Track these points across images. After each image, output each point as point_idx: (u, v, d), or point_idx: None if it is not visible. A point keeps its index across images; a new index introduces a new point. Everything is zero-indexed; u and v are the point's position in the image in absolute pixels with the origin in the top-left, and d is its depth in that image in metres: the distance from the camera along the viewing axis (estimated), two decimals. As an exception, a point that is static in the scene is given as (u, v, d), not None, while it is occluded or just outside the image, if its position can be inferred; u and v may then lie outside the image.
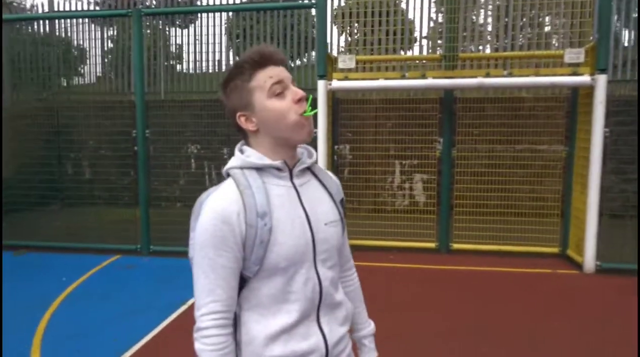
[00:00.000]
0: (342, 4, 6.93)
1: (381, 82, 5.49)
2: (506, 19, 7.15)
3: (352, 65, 5.49)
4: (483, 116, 6.27)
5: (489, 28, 7.59)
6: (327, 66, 5.46)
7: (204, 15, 8.59)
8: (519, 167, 6.23)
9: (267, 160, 1.17)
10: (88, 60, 9.15)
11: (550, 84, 5.22)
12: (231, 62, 9.06)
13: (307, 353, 1.18)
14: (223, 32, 8.90)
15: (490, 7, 7.62)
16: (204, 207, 1.14)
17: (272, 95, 1.15)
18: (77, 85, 9.29)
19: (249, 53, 1.17)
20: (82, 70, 9.32)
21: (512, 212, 6.08)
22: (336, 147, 6.24)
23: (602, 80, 5.00)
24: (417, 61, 6.82)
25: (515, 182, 6.20)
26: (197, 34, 8.84)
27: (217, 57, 8.86)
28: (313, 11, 9.25)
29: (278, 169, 1.18)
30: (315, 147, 5.65)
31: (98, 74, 9.14)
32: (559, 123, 6.01)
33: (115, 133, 7.05)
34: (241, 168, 1.17)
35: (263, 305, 1.16)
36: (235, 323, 1.18)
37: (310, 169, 1.28)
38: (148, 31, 8.98)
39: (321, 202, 1.24)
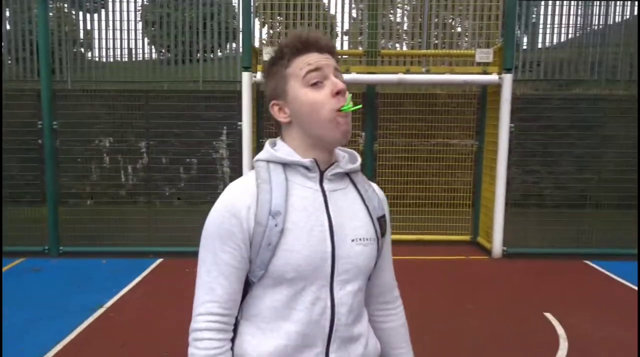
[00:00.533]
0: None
1: (305, 76, 5.51)
2: (421, 19, 7.48)
3: (276, 58, 5.44)
4: (402, 111, 6.53)
5: (405, 27, 7.91)
6: (251, 58, 5.38)
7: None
8: (434, 161, 6.58)
9: (295, 157, 1.03)
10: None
11: (463, 81, 5.56)
12: (147, 51, 8.62)
13: None
14: (138, 18, 8.42)
15: (406, 7, 7.93)
16: (220, 197, 1.03)
17: (307, 84, 1.01)
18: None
19: (290, 37, 1.04)
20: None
21: (428, 203, 6.42)
22: (261, 141, 6.18)
23: (508, 79, 5.41)
24: (340, 56, 6.93)
25: (431, 174, 6.54)
26: (108, 19, 8.29)
27: (131, 45, 8.37)
28: (234, 1, 9.07)
29: (307, 168, 1.03)
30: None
31: (-7, 59, 8.25)
32: (470, 119, 6.42)
33: (17, 124, 6.42)
34: (267, 161, 1.05)
35: (263, 317, 1.03)
36: (235, 330, 1.06)
37: (350, 177, 1.11)
38: (51, 14, 8.26)
39: (354, 215, 1.06)
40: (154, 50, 8.92)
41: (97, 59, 8.39)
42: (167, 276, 4.97)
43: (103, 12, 8.49)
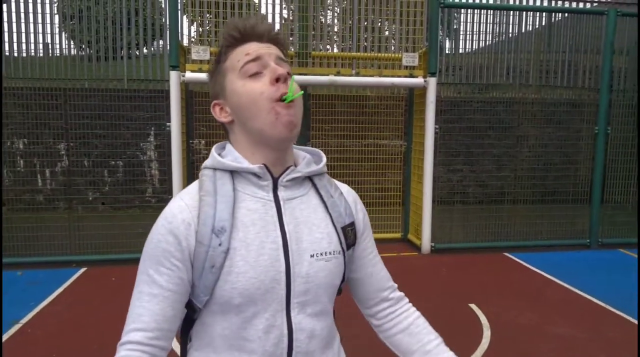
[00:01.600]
0: (193, -8, 6.67)
1: (237, 76, 5.44)
2: (350, 22, 7.64)
3: (207, 56, 5.33)
4: (334, 113, 6.63)
5: (336, 29, 8.04)
6: (179, 56, 5.22)
7: (29, -10, 7.48)
8: (366, 161, 6.75)
9: (243, 163, 0.91)
10: None
11: (391, 84, 5.75)
12: (65, 46, 8.08)
13: None
14: (55, 11, 7.88)
15: (337, 9, 8.07)
16: (164, 209, 0.91)
17: (245, 75, 0.90)
18: None
19: (226, 28, 0.94)
20: None
21: (361, 202, 6.56)
22: (191, 142, 6.02)
23: (432, 82, 5.67)
24: (271, 57, 6.91)
25: (363, 174, 6.70)
26: (20, 10, 7.67)
27: (47, 40, 7.81)
28: (160, -3, 8.74)
29: (256, 175, 0.91)
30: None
31: None
32: (398, 120, 6.66)
33: None
34: (214, 169, 0.92)
35: (215, 347, 0.91)
36: None
37: (312, 181, 0.99)
38: (-47, 3, 7.51)
39: (313, 226, 0.94)
40: (72, 46, 8.38)
41: (7, 53, 7.74)
42: (92, 286, 4.70)
43: (13, 2, 7.85)
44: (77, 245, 5.52)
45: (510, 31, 7.62)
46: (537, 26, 7.39)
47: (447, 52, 8.46)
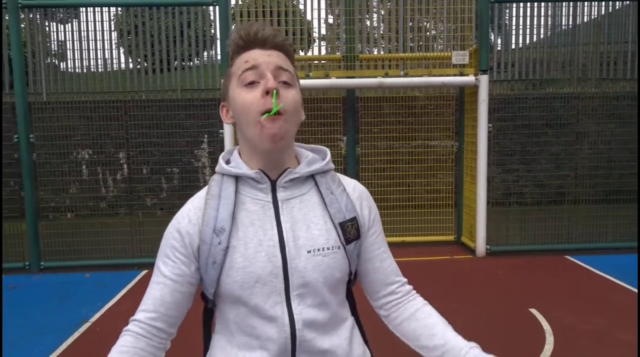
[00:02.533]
0: (240, 2, 6.85)
1: (286, 82, 5.53)
2: (397, 23, 7.57)
3: (256, 65, 5.45)
4: (382, 115, 6.60)
5: (382, 31, 8.00)
6: (230, 66, 5.37)
7: (89, 9, 7.95)
8: (416, 163, 6.66)
9: (243, 168, 0.99)
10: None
11: (440, 83, 5.65)
12: (122, 61, 8.51)
13: None
14: (112, 28, 8.32)
15: (382, 12, 8.03)
16: None
17: (242, 84, 0.95)
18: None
19: (233, 34, 0.99)
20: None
21: (411, 205, 6.48)
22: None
23: (484, 80, 5.53)
24: (318, 61, 6.96)
25: (413, 176, 6.62)
26: (82, 29, 8.16)
27: (106, 55, 8.25)
28: (210, 9, 9.03)
29: (254, 180, 0.99)
30: (222, 149, 5.54)
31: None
32: (449, 120, 6.52)
33: (-10, 139, 6.26)
34: (222, 174, 1.02)
35: (230, 332, 1.01)
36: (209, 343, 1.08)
37: (315, 179, 1.03)
38: (22, 25, 8.10)
39: (311, 223, 0.99)
40: (130, 60, 8.82)
41: (71, 70, 8.25)
42: (153, 288, 4.89)
43: (75, 22, 8.35)
44: (139, 249, 5.78)
45: (565, 23, 7.30)
46: (595, 16, 7.04)
47: (498, 48, 8.22)
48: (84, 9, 8.04)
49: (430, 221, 6.33)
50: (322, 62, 6.70)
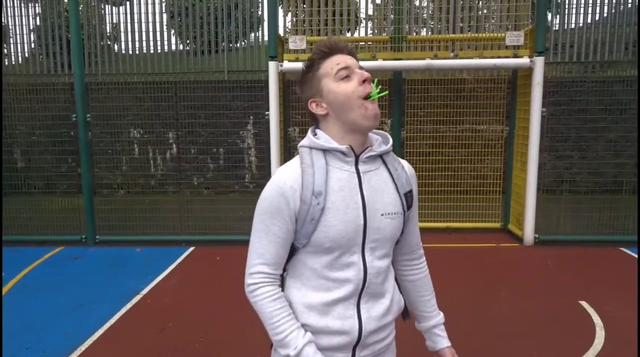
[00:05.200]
0: (288, -17, 6.81)
1: (332, 64, 5.49)
2: (447, 4, 7.33)
3: (303, 46, 5.44)
4: (428, 98, 6.44)
5: (430, 11, 7.76)
6: (277, 47, 5.38)
7: (141, -8, 8.13)
8: (462, 147, 6.48)
9: (333, 144, 1.21)
10: (13, 39, 8.43)
11: (493, 65, 5.44)
12: (173, 42, 8.69)
13: (339, 333, 1.23)
14: (163, 10, 8.49)
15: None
16: (272, 177, 1.22)
17: (339, 79, 1.20)
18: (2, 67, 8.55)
19: (317, 46, 1.24)
20: (6, 51, 8.58)
21: (456, 190, 6.34)
22: (288, 130, 6.20)
23: (540, 62, 5.27)
24: (364, 42, 6.86)
25: (459, 161, 6.45)
26: (134, 12, 8.37)
27: (157, 37, 8.46)
28: (257, -10, 9.04)
29: (343, 153, 1.21)
30: (269, 131, 5.59)
31: (26, 55, 8.46)
32: (499, 104, 6.29)
33: (50, 117, 6.59)
34: (310, 148, 1.22)
35: (306, 277, 1.24)
36: (282, 284, 1.28)
37: (382, 158, 1.28)
38: (81, 7, 8.39)
39: (384, 192, 1.24)
40: (179, 42, 9.00)
41: (124, 51, 8.52)
42: (199, 264, 5.07)
43: (128, 4, 8.58)
44: (186, 226, 5.97)
45: (629, 1, 6.82)
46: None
47: (555, 28, 7.81)
48: (135, -9, 8.23)
49: (477, 208, 6.18)
50: (369, 43, 6.58)
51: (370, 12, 7.53)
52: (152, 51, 8.51)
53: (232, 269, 4.81)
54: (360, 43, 6.94)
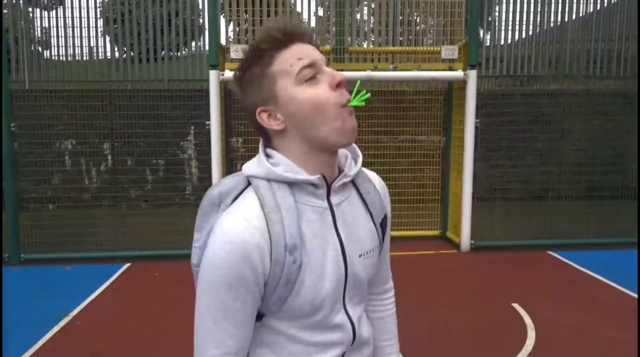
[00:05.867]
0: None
1: (273, 74, 5.48)
2: (387, 17, 7.54)
3: (244, 56, 5.39)
4: (369, 109, 6.57)
5: (371, 24, 7.96)
6: (218, 56, 5.31)
7: (74, -4, 7.78)
8: (402, 157, 6.65)
9: (301, 174, 0.89)
10: None
11: (430, 78, 5.65)
12: (108, 50, 8.36)
13: None
14: (98, 15, 8.16)
15: (372, 5, 7.98)
16: (217, 229, 0.86)
17: (302, 81, 0.87)
18: None
19: (266, 30, 0.88)
20: None
21: (397, 200, 6.49)
22: (230, 140, 6.11)
23: (473, 75, 5.53)
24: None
25: (400, 171, 6.62)
26: (67, 16, 7.99)
27: (92, 44, 8.10)
28: (198, -2, 8.90)
29: (314, 185, 0.90)
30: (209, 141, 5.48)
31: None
32: (437, 115, 6.53)
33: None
34: (267, 180, 0.89)
35: (278, 344, 0.94)
36: None
37: (353, 180, 0.99)
38: (5, 11, 7.91)
39: (359, 225, 0.97)
40: (116, 49, 8.67)
41: (55, 58, 8.09)
42: (136, 281, 4.86)
43: (60, 9, 8.18)
44: (122, 241, 5.71)
45: (554, 20, 7.33)
46: (583, 13, 7.07)
47: (487, 44, 8.24)
48: (68, -5, 7.87)
49: (416, 216, 6.35)
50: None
51: (313, 24, 7.62)
52: (86, 58, 8.14)
53: (172, 286, 4.64)
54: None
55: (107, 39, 8.65)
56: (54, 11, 8.30)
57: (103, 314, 4.01)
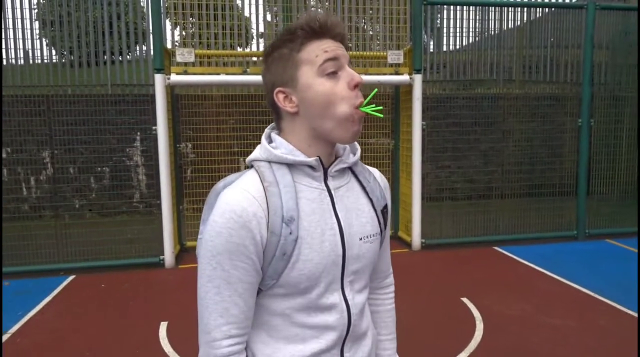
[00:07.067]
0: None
1: (223, 77, 5.43)
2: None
3: (192, 59, 5.30)
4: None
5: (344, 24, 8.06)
6: (164, 60, 5.18)
7: (7, -4, 7.36)
8: (354, 159, 6.73)
9: (299, 156, 0.94)
10: None
11: (377, 82, 5.77)
12: (45, 53, 7.96)
13: None
14: (34, 17, 7.77)
15: (320, 10, 8.08)
16: (219, 201, 0.90)
17: (323, 73, 0.92)
18: None
19: (305, 19, 0.93)
20: None
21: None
22: (178, 146, 5.97)
23: (418, 79, 5.71)
24: (257, 57, 6.89)
25: (352, 173, 6.69)
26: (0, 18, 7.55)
27: (27, 46, 7.69)
28: (142, 1, 8.67)
29: (311, 167, 0.95)
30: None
31: None
32: (385, 118, 6.68)
33: None
34: (268, 161, 0.95)
35: (273, 326, 0.97)
36: None
37: (351, 169, 1.04)
38: None
39: (360, 211, 1.01)
40: (54, 53, 8.28)
41: (-14, 61, 7.61)
42: (82, 294, 4.63)
43: (-9, 10, 7.71)
44: (65, 253, 5.43)
45: (492, 28, 7.69)
46: (518, 22, 7.48)
47: (431, 50, 8.53)
48: (0, -5, 7.44)
49: (369, 217, 6.44)
50: (260, 58, 6.62)
51: (261, 29, 7.60)
52: (21, 62, 7.72)
53: (120, 296, 4.47)
54: (253, 58, 6.96)
55: (44, 42, 8.24)
56: (-16, 12, 7.82)
57: (46, 330, 3.80)
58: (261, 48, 7.75)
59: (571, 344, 3.41)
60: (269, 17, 7.96)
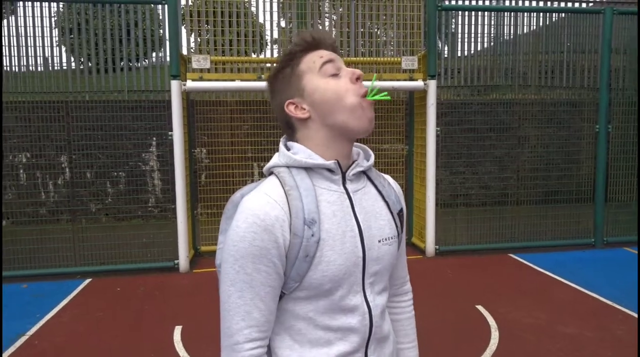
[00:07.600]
0: (190, 2, 6.72)
1: (237, 84, 5.48)
2: (348, 29, 7.67)
3: (207, 65, 5.36)
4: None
5: (333, 36, 8.08)
6: (180, 66, 5.25)
7: (28, 5, 7.53)
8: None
9: (318, 159, 0.98)
10: None
11: (391, 87, 5.77)
12: (64, 60, 8.11)
13: None
14: (53, 25, 7.93)
15: (334, 17, 8.11)
16: (241, 207, 0.93)
17: (325, 75, 0.99)
18: None
19: (299, 36, 1.04)
20: None
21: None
22: (193, 151, 6.03)
23: (432, 85, 5.69)
24: (271, 64, 6.94)
25: (365, 179, 6.68)
26: (19, 25, 7.72)
27: (47, 54, 7.85)
28: (158, 8, 8.80)
29: (330, 170, 0.99)
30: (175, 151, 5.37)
31: None
32: (399, 123, 6.67)
33: None
34: (287, 167, 0.99)
35: (297, 330, 0.98)
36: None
37: (366, 174, 1.08)
38: (-47, 19, 7.55)
39: (377, 214, 1.04)
40: (72, 60, 8.43)
41: (8, 68, 7.78)
42: (98, 297, 4.69)
43: (12, 18, 7.90)
44: (82, 256, 5.51)
45: (508, 33, 7.64)
46: (534, 27, 7.42)
47: (445, 55, 8.50)
48: (21, 3, 7.63)
49: (382, 223, 6.42)
50: (275, 64, 6.68)
51: (275, 35, 7.66)
52: (40, 69, 7.87)
53: (135, 300, 4.51)
54: (267, 64, 7.01)
55: (64, 49, 8.40)
56: (5, 20, 8.00)
57: (63, 333, 3.85)
58: (275, 54, 7.80)
59: (588, 354, 3.35)
60: (283, 24, 8.02)
